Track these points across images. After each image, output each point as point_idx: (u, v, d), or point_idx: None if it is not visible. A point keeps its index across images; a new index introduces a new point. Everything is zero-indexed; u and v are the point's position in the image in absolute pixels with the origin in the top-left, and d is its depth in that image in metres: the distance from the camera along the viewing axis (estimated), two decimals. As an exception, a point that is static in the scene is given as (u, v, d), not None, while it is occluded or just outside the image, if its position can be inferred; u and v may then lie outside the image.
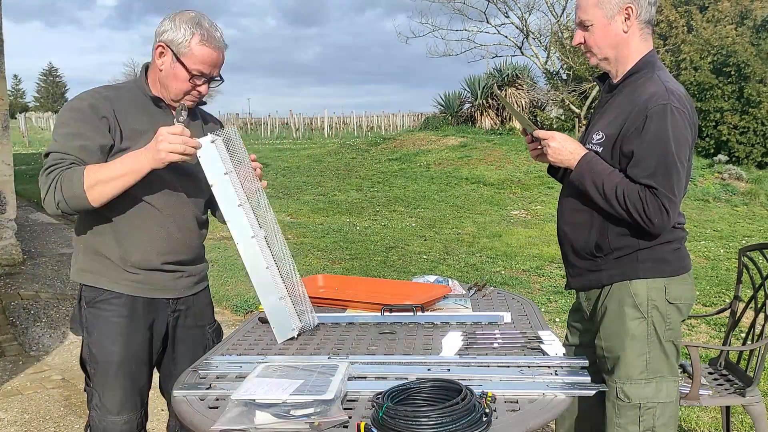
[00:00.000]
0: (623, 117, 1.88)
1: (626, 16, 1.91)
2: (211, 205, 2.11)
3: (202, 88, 1.97)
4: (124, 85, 2.05)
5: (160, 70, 1.95)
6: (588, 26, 1.95)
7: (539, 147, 2.01)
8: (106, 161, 1.88)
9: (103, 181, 1.80)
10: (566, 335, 2.26)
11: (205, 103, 2.13)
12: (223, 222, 1.97)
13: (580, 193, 1.96)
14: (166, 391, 2.18)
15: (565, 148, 1.95)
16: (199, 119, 2.14)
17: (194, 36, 1.89)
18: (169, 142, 1.77)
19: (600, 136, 1.94)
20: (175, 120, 1.89)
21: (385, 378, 1.57)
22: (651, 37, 1.99)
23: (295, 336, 1.92)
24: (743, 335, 2.82)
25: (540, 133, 1.99)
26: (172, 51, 1.91)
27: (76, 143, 1.84)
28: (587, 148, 1.97)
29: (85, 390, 2.06)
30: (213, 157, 1.85)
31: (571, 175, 1.96)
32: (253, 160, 1.98)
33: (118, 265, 1.96)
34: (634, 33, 1.93)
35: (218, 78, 2.00)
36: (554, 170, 2.19)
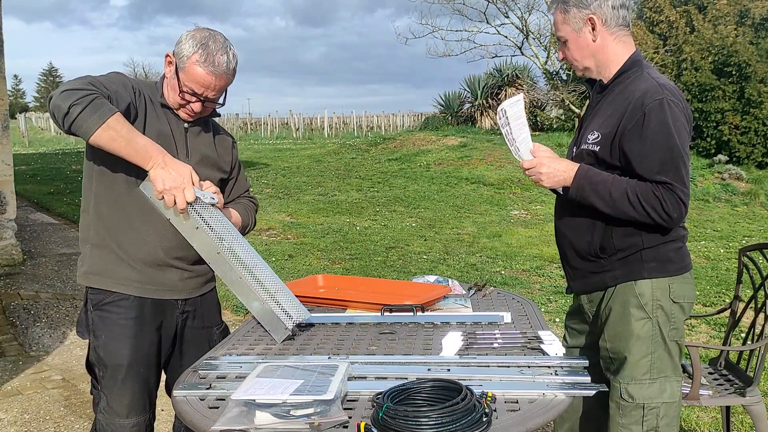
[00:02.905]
0: (618, 114, 1.89)
1: (591, 26, 1.94)
2: None
3: (195, 106, 1.97)
4: (145, 81, 2.08)
5: (167, 78, 1.99)
6: (564, 41, 2.01)
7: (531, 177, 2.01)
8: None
9: (121, 134, 1.75)
10: (564, 337, 2.26)
11: (218, 115, 2.14)
12: None
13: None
14: (170, 392, 2.18)
15: (557, 169, 1.94)
16: (211, 131, 2.13)
17: (194, 54, 1.90)
18: (185, 189, 1.79)
19: (595, 136, 1.94)
20: (202, 191, 1.87)
21: (385, 378, 1.57)
22: (630, 38, 2.01)
23: (289, 330, 1.92)
24: (743, 335, 2.82)
25: (526, 164, 1.97)
26: (175, 63, 1.94)
27: (112, 87, 1.85)
28: (583, 149, 1.97)
29: (91, 393, 2.05)
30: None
31: (569, 192, 1.94)
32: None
33: (125, 261, 1.96)
34: (605, 40, 1.95)
35: (215, 100, 1.98)
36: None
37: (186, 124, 2.03)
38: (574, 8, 1.94)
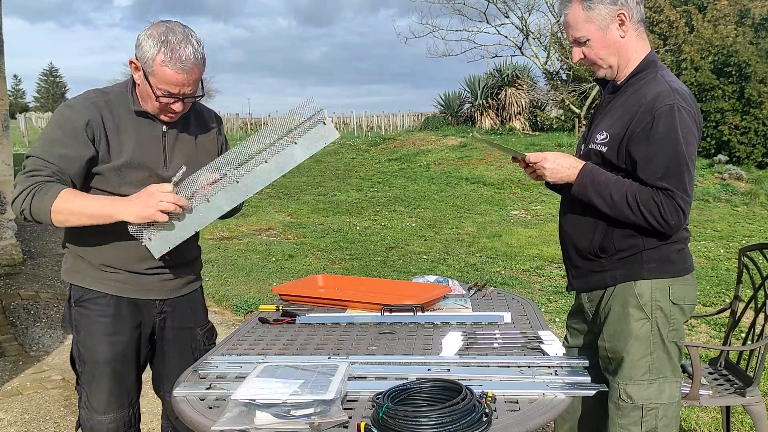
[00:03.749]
0: (628, 117, 1.88)
1: (620, 22, 1.91)
2: None
3: (176, 106, 1.88)
4: (113, 89, 1.97)
5: (138, 85, 1.90)
6: (584, 42, 1.94)
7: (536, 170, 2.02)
8: (89, 172, 1.87)
9: (71, 212, 1.79)
10: (566, 337, 2.26)
11: (201, 95, 1.99)
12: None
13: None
14: (157, 392, 2.19)
15: (562, 166, 1.95)
16: (192, 126, 2.05)
17: (158, 54, 1.78)
18: (160, 200, 1.77)
19: (604, 136, 1.93)
20: (174, 178, 1.85)
21: (385, 378, 1.57)
22: (646, 36, 1.99)
23: (331, 124, 1.87)
24: (743, 335, 2.82)
25: (532, 157, 1.99)
26: (142, 68, 1.83)
27: (57, 151, 1.82)
28: (591, 148, 1.97)
29: (75, 389, 2.07)
30: None
31: (572, 190, 1.95)
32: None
33: (99, 269, 1.97)
34: (631, 35, 1.93)
35: (193, 94, 1.88)
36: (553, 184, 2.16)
37: (164, 127, 1.96)
38: (600, 5, 1.89)
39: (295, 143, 1.87)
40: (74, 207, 1.79)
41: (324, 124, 1.86)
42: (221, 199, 1.88)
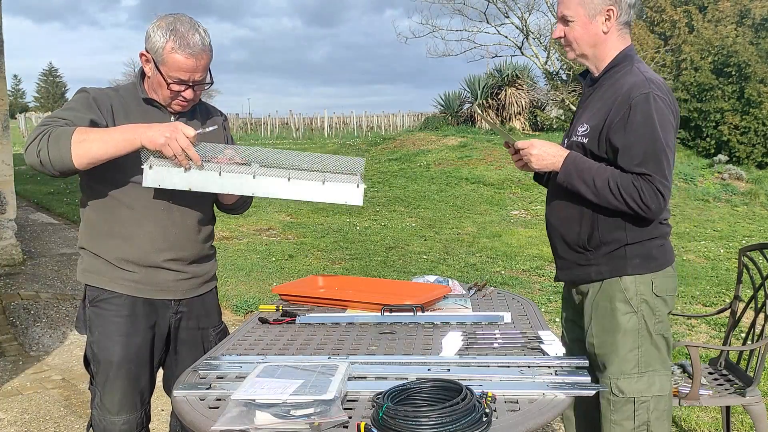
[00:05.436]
0: (606, 108, 1.92)
1: (607, 17, 1.95)
2: (216, 198, 2.12)
3: (187, 94, 1.94)
4: (123, 86, 2.07)
5: (149, 77, 1.97)
6: (569, 21, 2.00)
7: (523, 157, 2.05)
8: None
9: (93, 139, 1.77)
10: (562, 333, 2.27)
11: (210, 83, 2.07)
12: (224, 210, 2.13)
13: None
14: (168, 392, 2.19)
15: (548, 153, 1.98)
16: (198, 117, 2.10)
17: (167, 43, 1.86)
18: (176, 137, 1.78)
19: (585, 128, 1.98)
20: (201, 129, 1.88)
21: (385, 378, 1.57)
22: (629, 35, 2.04)
23: (362, 186, 1.94)
24: (743, 335, 2.82)
25: (520, 144, 2.03)
26: (153, 59, 1.90)
27: (69, 114, 1.87)
28: (573, 141, 2.01)
29: (89, 389, 2.07)
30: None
31: (557, 178, 1.98)
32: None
33: (116, 266, 1.98)
34: (612, 33, 1.98)
35: (202, 81, 1.95)
36: (540, 177, 2.24)
37: (172, 117, 2.01)
38: None
39: (322, 183, 1.92)
40: (95, 135, 1.79)
41: (357, 187, 1.94)
42: (230, 179, 1.90)
